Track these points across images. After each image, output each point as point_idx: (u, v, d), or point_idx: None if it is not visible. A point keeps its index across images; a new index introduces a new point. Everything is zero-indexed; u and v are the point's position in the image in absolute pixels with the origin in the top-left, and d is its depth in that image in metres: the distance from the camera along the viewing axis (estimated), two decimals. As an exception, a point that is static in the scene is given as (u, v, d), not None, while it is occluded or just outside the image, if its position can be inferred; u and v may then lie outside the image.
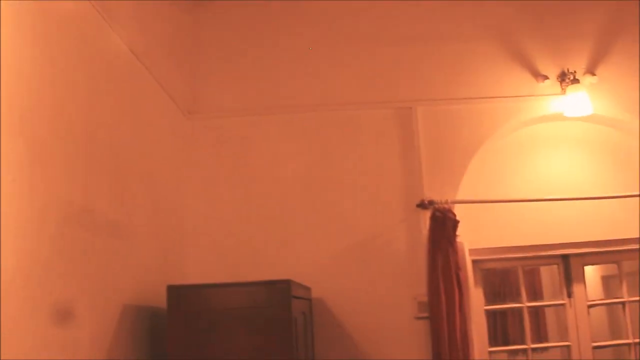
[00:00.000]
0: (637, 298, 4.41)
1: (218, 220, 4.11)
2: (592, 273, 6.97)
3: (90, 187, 2.70)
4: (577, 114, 4.23)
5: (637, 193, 4.24)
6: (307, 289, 3.79)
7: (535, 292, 6.59)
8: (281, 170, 4.17)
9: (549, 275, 6.34)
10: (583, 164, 4.43)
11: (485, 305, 4.34)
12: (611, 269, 5.64)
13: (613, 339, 4.41)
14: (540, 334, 6.79)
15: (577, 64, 4.30)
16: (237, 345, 2.98)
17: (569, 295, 4.32)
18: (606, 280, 6.53)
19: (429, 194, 4.03)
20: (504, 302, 5.94)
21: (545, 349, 5.95)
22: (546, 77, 4.26)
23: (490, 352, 4.29)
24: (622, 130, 4.43)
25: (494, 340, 6.73)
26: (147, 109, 3.49)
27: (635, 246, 4.29)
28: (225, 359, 2.96)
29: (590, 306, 4.33)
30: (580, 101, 4.15)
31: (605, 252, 4.34)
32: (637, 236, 4.29)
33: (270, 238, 4.07)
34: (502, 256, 4.27)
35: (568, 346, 4.31)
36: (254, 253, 4.05)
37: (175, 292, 3.06)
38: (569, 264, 4.33)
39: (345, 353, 3.97)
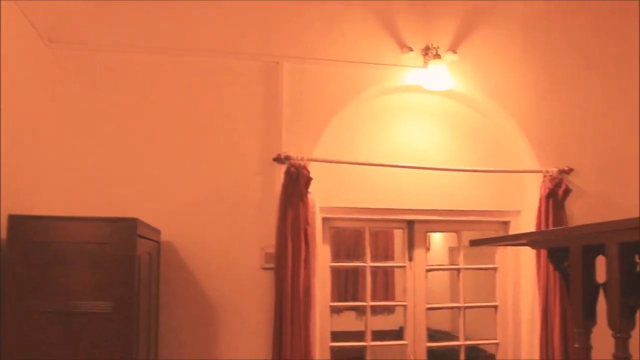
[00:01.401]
0: (472, 266, 4.74)
1: (74, 154, 3.98)
2: (441, 242, 7.39)
3: None
4: (436, 87, 4.43)
5: (483, 169, 4.54)
6: (157, 231, 3.80)
7: (387, 254, 6.89)
8: (143, 111, 4.10)
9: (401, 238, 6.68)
10: (436, 137, 4.64)
11: (332, 262, 4.52)
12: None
13: (452, 302, 4.71)
14: (388, 294, 7.14)
15: (442, 41, 4.48)
16: (79, 280, 2.97)
17: (410, 259, 4.56)
18: (452, 250, 6.93)
19: (287, 150, 4.12)
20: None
21: (392, 308, 6.24)
22: (411, 49, 4.41)
23: (332, 307, 4.48)
24: (476, 109, 4.68)
25: (344, 297, 7.05)
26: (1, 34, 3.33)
27: (474, 217, 4.59)
28: (66, 293, 2.95)
29: (428, 270, 4.60)
30: (440, 76, 4.34)
31: (447, 221, 4.61)
32: (479, 208, 4.60)
33: (124, 177, 4.02)
34: (352, 216, 4.44)
35: (405, 306, 4.57)
36: (107, 190, 3.98)
37: (16, 222, 2.99)
38: (413, 229, 4.56)
39: (191, 297, 4.03)
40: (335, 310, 7.33)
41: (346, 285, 7.25)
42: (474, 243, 2.99)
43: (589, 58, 4.79)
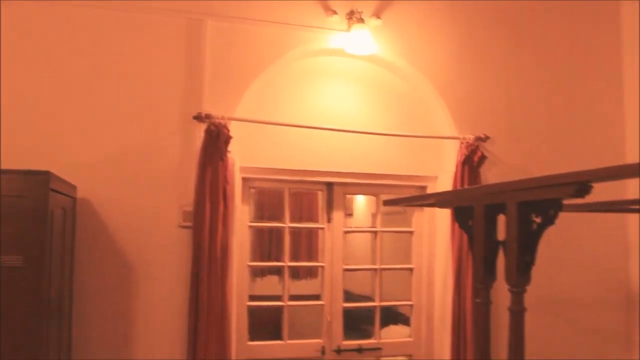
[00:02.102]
0: (388, 229, 4.85)
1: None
2: (365, 208, 7.52)
3: None
4: (358, 52, 4.47)
5: (402, 134, 4.62)
6: (72, 186, 3.73)
7: (311, 215, 6.94)
8: (59, 62, 3.97)
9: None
10: (358, 100, 4.69)
11: (252, 222, 4.55)
12: (386, 207, 6.11)
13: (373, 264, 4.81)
14: (312, 257, 7.22)
15: (366, 6, 4.50)
16: (-13, 233, 2.90)
17: (329, 220, 4.63)
18: (374, 216, 7.05)
19: (208, 108, 4.09)
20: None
21: (315, 272, 6.29)
22: (335, 13, 4.42)
23: (255, 270, 4.51)
24: (398, 75, 4.74)
25: (268, 259, 7.11)
26: None
27: (392, 182, 4.68)
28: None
29: (346, 232, 4.68)
30: (363, 41, 4.38)
31: (366, 184, 4.68)
32: (397, 173, 4.69)
33: (40, 129, 3.90)
34: (271, 177, 4.46)
35: (322, 267, 4.65)
36: (20, 143, 3.84)
37: None
38: (332, 191, 4.62)
39: (108, 254, 3.99)
40: (259, 274, 7.44)
41: (270, 247, 7.32)
42: (387, 203, 3.07)
43: (509, 30, 4.92)
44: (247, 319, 4.45)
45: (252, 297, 4.50)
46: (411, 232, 4.84)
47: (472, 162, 4.51)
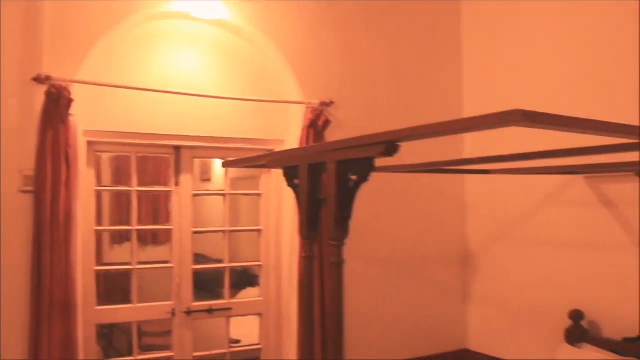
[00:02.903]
0: (236, 192, 4.95)
1: None
2: (223, 171, 7.58)
3: None
4: (205, 16, 4.50)
5: (249, 98, 4.71)
6: None
7: (165, 180, 6.90)
8: None
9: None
10: (206, 65, 4.73)
11: (97, 187, 4.52)
12: (241, 171, 6.22)
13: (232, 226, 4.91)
14: (166, 220, 7.22)
15: (213, -30, 4.53)
16: None
17: (177, 184, 4.67)
18: (233, 181, 7.14)
19: (48, 70, 3.98)
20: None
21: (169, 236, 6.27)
22: (181, -24, 4.42)
23: (96, 230, 4.48)
24: (246, 40, 4.81)
25: (126, 223, 7.02)
26: None
27: (241, 145, 4.78)
28: None
29: (194, 195, 4.74)
30: (210, 4, 4.41)
31: (213, 148, 4.75)
32: (245, 136, 4.79)
33: None
34: (118, 140, 4.43)
35: (171, 229, 4.69)
36: None
37: None
38: (180, 155, 4.66)
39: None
40: (117, 241, 7.37)
41: (120, 212, 7.25)
42: (226, 164, 3.18)
43: (358, 3, 5.13)
44: (96, 284, 4.43)
45: (109, 265, 4.48)
46: (259, 195, 4.97)
47: (317, 126, 4.68)
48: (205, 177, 8.52)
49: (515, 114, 1.52)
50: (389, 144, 1.97)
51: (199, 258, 5.23)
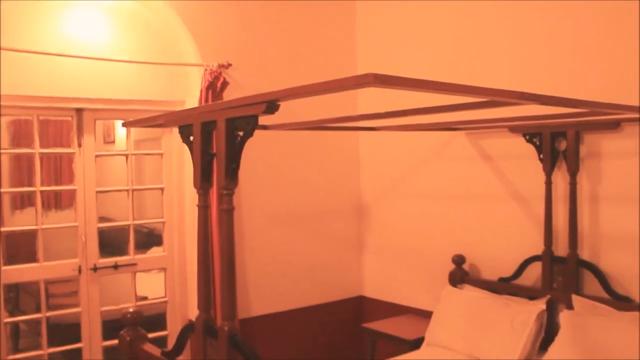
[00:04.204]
0: (138, 151, 5.10)
1: None
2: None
3: None
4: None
5: (148, 61, 4.85)
6: None
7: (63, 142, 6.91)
8: None
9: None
10: (105, 28, 4.79)
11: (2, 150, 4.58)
12: (143, 133, 6.34)
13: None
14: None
15: None
16: None
17: (80, 145, 4.78)
18: (137, 142, 7.25)
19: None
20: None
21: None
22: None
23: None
24: (144, 4, 4.91)
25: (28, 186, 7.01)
26: None
27: (142, 107, 4.93)
28: None
29: (97, 156, 4.87)
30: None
31: (115, 110, 4.88)
32: (146, 98, 4.94)
33: None
34: (17, 104, 4.48)
35: (74, 189, 4.82)
36: None
37: None
38: (82, 117, 4.77)
39: None
40: (18, 207, 7.35)
41: (20, 176, 7.24)
42: (126, 124, 3.37)
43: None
44: (1, 246, 4.53)
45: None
46: (161, 155, 5.15)
47: (215, 87, 4.88)
48: (109, 140, 8.56)
49: (368, 77, 1.80)
50: (270, 103, 2.23)
51: (105, 221, 5.39)
